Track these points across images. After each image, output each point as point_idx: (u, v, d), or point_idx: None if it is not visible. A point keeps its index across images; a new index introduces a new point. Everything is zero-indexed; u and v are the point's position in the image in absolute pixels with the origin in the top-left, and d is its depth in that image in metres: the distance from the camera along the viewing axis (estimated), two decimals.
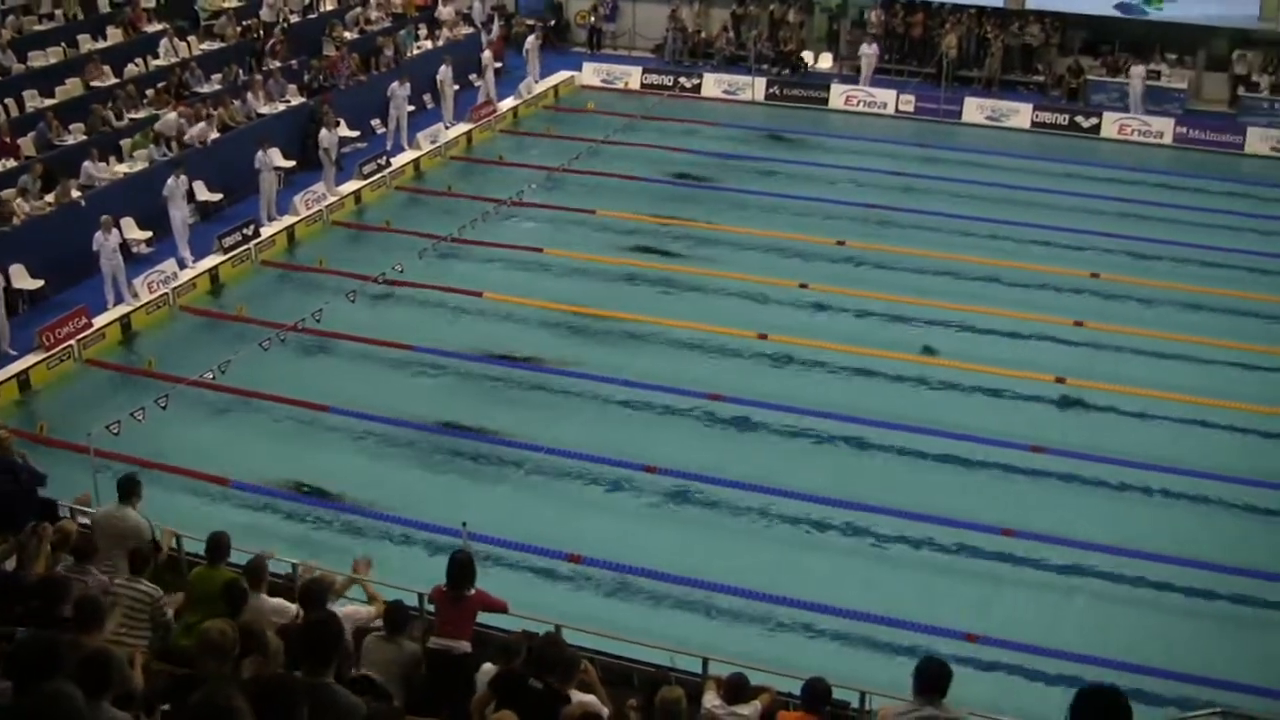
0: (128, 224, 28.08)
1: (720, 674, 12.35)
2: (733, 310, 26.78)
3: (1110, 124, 38.97)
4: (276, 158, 31.27)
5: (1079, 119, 39.25)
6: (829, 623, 17.65)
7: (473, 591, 12.46)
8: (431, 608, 13.05)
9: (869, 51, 41.13)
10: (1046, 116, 39.41)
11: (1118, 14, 41.18)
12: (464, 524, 16.19)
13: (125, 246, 27.34)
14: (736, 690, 11.70)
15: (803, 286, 27.60)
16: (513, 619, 13.26)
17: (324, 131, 31.75)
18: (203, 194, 30.61)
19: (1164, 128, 38.51)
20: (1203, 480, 20.93)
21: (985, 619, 17.76)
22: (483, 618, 12.93)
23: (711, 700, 11.65)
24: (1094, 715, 5.23)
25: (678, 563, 18.65)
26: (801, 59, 43.57)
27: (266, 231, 29.69)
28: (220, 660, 8.38)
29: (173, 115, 31.31)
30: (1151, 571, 18.77)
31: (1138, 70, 39.51)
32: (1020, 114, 39.53)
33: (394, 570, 15.84)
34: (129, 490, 13.93)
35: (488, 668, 11.05)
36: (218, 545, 12.71)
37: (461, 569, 12.38)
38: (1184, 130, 38.46)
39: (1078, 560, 19.05)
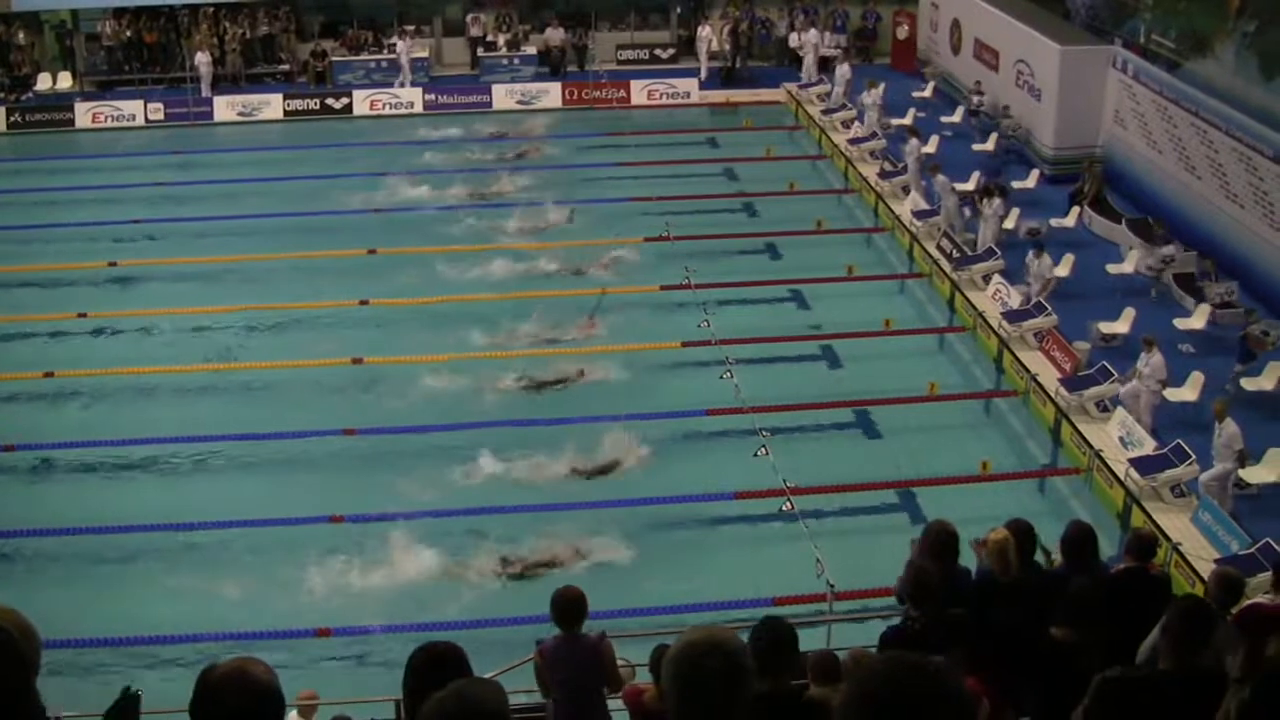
0: None
1: None
2: (12, 352, 25.54)
3: (361, 101, 39.93)
4: None
5: (330, 101, 39.93)
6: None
7: None
8: None
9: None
10: (298, 104, 39.92)
11: None
12: None
13: None
14: None
15: (81, 316, 26.59)
16: None
17: None
18: None
19: (414, 97, 39.91)
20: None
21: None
22: None
23: None
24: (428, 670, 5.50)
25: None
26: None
27: None
28: None
29: None
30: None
31: (403, 45, 40.63)
32: (272, 105, 39.84)
33: None
34: None
35: None
36: None
37: None
38: (433, 97, 40.04)
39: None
